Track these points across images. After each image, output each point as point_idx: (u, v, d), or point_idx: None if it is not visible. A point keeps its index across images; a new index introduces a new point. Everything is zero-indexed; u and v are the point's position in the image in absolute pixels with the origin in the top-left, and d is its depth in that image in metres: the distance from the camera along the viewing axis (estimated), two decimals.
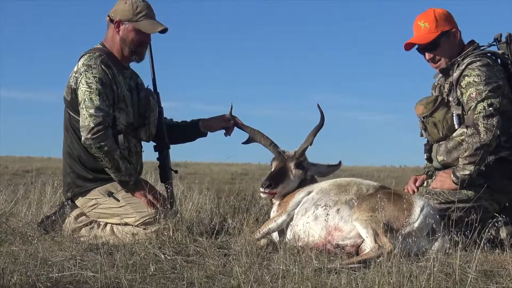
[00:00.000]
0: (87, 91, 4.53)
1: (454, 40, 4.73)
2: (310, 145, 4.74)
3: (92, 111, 4.50)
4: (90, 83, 4.54)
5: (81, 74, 4.58)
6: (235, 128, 5.05)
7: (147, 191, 4.64)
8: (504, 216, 4.12)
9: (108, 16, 4.80)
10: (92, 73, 4.56)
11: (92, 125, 4.48)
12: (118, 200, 4.64)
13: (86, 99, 4.52)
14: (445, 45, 4.72)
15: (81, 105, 4.55)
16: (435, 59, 4.75)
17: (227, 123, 5.05)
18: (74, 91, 4.62)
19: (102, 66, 4.59)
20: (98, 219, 4.71)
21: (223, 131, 5.11)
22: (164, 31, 4.76)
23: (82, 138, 4.52)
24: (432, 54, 4.75)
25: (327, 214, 4.16)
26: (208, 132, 5.14)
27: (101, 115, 4.50)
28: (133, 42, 4.75)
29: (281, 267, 3.62)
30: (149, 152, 4.97)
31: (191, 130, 5.11)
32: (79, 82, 4.57)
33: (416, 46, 4.79)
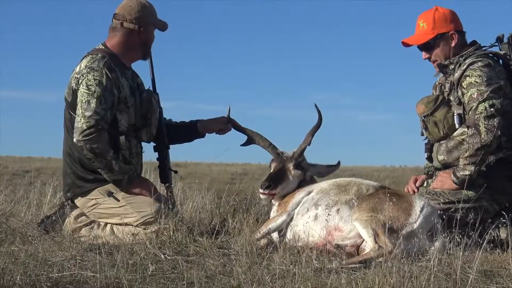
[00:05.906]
0: (85, 93, 4.53)
1: (450, 43, 4.72)
2: (309, 145, 4.73)
3: (87, 113, 4.50)
4: (90, 85, 4.54)
5: (82, 76, 4.57)
6: (234, 130, 5.05)
7: (144, 185, 4.67)
8: (505, 216, 4.12)
9: (123, 21, 4.73)
10: (93, 75, 4.56)
11: (84, 127, 4.48)
12: (118, 200, 4.64)
13: (84, 101, 4.52)
14: (440, 47, 4.73)
15: (78, 106, 4.55)
16: (431, 59, 4.77)
17: (224, 126, 5.06)
18: (74, 92, 4.62)
19: (105, 70, 4.59)
20: (98, 219, 4.71)
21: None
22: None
23: (74, 139, 4.53)
24: (428, 55, 4.77)
25: (327, 214, 4.16)
26: (206, 133, 5.15)
27: (96, 118, 4.49)
28: (151, 42, 4.85)
29: (281, 267, 3.62)
30: (149, 152, 4.99)
31: (189, 131, 5.12)
32: (80, 84, 4.57)
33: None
